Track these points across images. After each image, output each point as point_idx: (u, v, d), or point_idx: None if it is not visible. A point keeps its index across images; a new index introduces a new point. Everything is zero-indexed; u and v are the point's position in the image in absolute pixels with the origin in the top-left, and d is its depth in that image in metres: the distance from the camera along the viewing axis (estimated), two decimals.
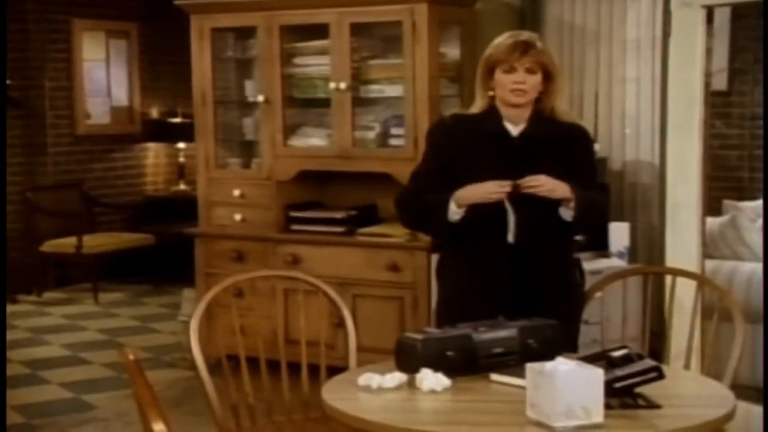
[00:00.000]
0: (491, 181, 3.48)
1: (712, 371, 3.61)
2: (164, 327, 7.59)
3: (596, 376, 2.66)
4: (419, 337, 3.08)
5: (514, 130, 3.60)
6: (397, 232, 5.77)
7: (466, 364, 3.06)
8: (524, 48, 3.52)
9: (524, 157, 3.54)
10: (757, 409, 4.43)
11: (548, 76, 3.58)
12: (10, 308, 8.10)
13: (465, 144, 3.60)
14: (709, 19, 4.56)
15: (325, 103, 5.99)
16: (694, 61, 4.53)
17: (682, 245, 4.61)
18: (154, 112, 9.98)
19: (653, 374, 2.86)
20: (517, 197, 3.49)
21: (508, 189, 3.47)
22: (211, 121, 6.30)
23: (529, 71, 3.53)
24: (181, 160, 9.88)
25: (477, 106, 3.65)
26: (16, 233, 8.79)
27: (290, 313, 5.67)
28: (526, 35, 3.61)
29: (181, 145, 9.77)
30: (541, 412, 2.64)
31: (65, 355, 6.89)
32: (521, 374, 2.82)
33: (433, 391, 2.94)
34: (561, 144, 3.59)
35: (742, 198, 6.84)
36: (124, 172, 9.77)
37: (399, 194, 3.78)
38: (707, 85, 4.58)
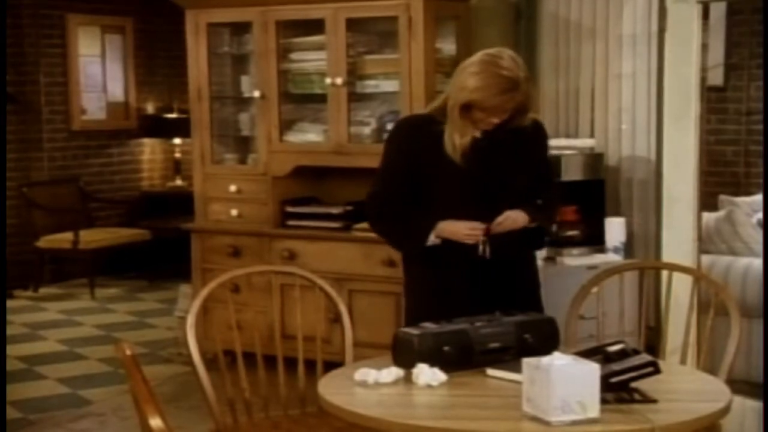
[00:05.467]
0: (465, 222, 3.50)
1: (707, 366, 3.62)
2: (161, 322, 7.59)
3: (592, 370, 2.67)
4: (416, 332, 3.09)
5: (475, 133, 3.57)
6: None
7: (462, 359, 3.06)
8: (511, 93, 3.44)
9: (487, 156, 3.55)
10: (753, 404, 4.44)
11: (522, 109, 3.54)
12: (6, 303, 8.09)
13: (429, 143, 3.57)
14: (705, 14, 4.57)
15: (321, 98, 5.98)
16: (690, 57, 4.54)
17: (678, 240, 4.62)
18: (150, 108, 9.97)
19: (649, 369, 2.87)
20: (488, 213, 3.52)
21: (480, 235, 3.50)
22: (207, 117, 6.30)
23: (504, 110, 3.49)
24: (177, 155, 9.88)
25: (434, 107, 3.64)
26: (12, 229, 8.79)
27: (286, 308, 5.68)
28: (506, 70, 3.43)
29: (177, 140, 9.77)
30: (537, 407, 2.65)
31: (62, 351, 6.89)
32: (517, 369, 2.83)
33: (429, 386, 2.95)
34: (521, 141, 3.60)
35: (737, 193, 6.84)
36: (120, 168, 9.76)
37: (370, 201, 3.72)
38: (703, 80, 4.59)
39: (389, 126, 5.89)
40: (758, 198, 6.47)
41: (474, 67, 3.49)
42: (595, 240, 5.57)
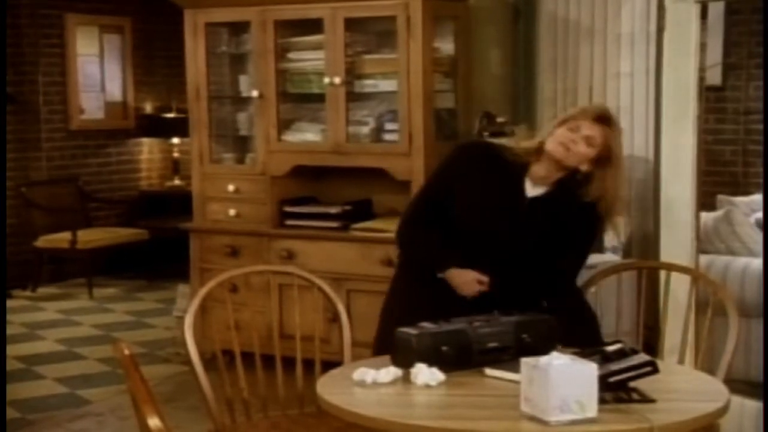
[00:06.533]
0: (473, 277, 3.52)
1: (706, 366, 3.62)
2: (159, 322, 7.59)
3: (590, 370, 2.67)
4: (414, 331, 3.08)
5: (531, 190, 3.55)
6: (392, 227, 5.76)
7: (460, 358, 3.06)
8: (600, 119, 3.46)
9: (523, 221, 3.53)
10: (751, 404, 4.45)
11: (606, 160, 3.47)
12: (5, 303, 8.08)
13: (480, 177, 3.58)
14: (704, 14, 4.57)
15: (319, 98, 5.98)
16: (689, 56, 4.54)
17: (676, 240, 4.62)
18: (148, 107, 9.96)
19: (648, 369, 2.87)
20: (499, 260, 3.53)
21: (484, 288, 3.53)
22: (205, 116, 6.30)
23: (589, 142, 3.44)
24: (176, 155, 9.88)
25: (524, 145, 3.59)
26: (11, 228, 8.78)
27: (285, 308, 5.68)
28: (607, 108, 3.62)
29: (175, 140, 9.77)
30: (536, 407, 2.65)
31: (60, 350, 6.89)
32: (516, 369, 2.83)
33: (427, 386, 2.95)
34: (564, 220, 3.54)
35: (736, 193, 6.86)
36: (118, 167, 9.76)
37: (403, 227, 3.79)
38: (701, 80, 4.59)
39: (387, 125, 5.90)
40: (756, 198, 6.48)
41: None
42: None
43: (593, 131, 3.44)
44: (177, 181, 9.74)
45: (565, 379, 2.62)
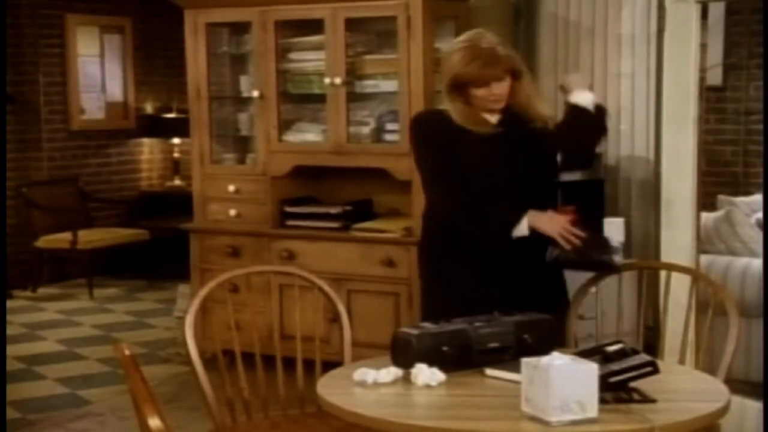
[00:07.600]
0: (562, 219, 3.58)
1: (706, 366, 3.62)
2: (159, 322, 7.59)
3: (591, 370, 2.67)
4: (414, 332, 3.08)
5: (490, 126, 3.69)
6: (392, 227, 5.77)
7: (461, 358, 3.06)
8: (492, 61, 3.58)
9: (507, 149, 3.65)
10: (751, 404, 4.44)
11: (515, 75, 3.65)
12: (6, 304, 8.08)
13: (451, 135, 3.65)
14: (704, 14, 4.57)
15: (320, 98, 5.98)
16: (689, 57, 4.53)
17: (676, 240, 4.61)
18: (149, 108, 9.97)
19: (648, 369, 2.87)
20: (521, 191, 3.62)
21: (576, 241, 3.56)
22: (205, 117, 6.30)
23: (499, 79, 3.61)
24: (176, 155, 9.88)
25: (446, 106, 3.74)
26: (11, 229, 8.78)
27: (285, 308, 5.68)
28: (484, 43, 3.62)
29: (175, 140, 9.77)
30: (536, 407, 2.65)
31: (60, 351, 6.89)
32: (516, 369, 2.83)
33: (428, 386, 2.95)
34: (529, 128, 3.71)
35: (736, 193, 6.85)
36: (118, 168, 9.76)
37: (445, 204, 3.70)
38: (702, 80, 4.58)
39: (388, 126, 5.90)
40: (757, 198, 6.48)
41: (455, 47, 3.69)
42: None
43: (498, 72, 3.59)
44: (177, 182, 9.74)
45: (565, 380, 2.62)
